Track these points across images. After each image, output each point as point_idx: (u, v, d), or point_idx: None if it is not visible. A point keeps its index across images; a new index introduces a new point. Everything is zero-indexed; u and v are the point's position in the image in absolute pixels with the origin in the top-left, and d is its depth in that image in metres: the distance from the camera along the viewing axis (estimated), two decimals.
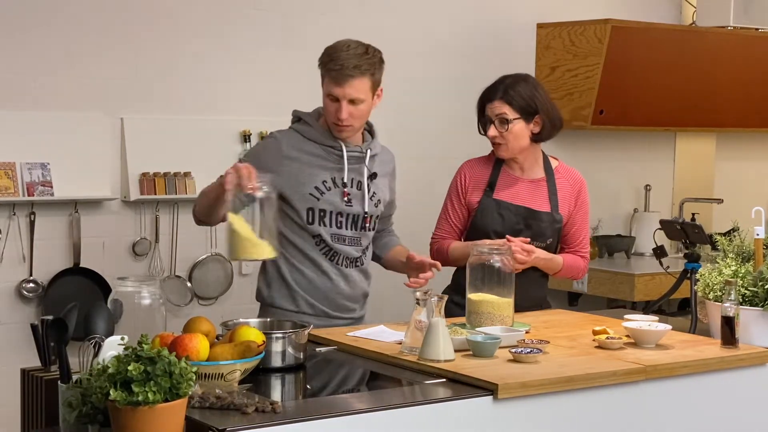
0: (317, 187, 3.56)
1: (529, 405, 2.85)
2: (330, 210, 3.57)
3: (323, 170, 3.57)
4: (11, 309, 4.67)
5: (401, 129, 5.61)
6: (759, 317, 3.37)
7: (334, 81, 3.49)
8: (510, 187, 3.91)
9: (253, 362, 2.74)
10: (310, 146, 3.58)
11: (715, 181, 6.72)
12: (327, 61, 3.51)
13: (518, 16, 5.95)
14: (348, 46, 3.52)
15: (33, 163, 4.65)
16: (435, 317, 3.03)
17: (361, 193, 3.62)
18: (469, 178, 3.95)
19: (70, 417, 2.45)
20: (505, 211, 3.86)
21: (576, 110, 5.81)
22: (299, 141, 3.58)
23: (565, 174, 3.99)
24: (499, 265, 3.43)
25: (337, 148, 3.58)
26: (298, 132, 3.61)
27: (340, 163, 3.58)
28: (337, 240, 3.60)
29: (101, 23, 4.80)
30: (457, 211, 3.95)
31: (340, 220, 3.60)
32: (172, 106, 4.96)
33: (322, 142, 3.58)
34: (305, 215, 3.56)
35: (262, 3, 5.18)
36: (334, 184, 3.58)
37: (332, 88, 3.50)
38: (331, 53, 3.51)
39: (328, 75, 3.51)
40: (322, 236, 3.58)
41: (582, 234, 3.97)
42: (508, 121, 3.81)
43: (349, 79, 3.48)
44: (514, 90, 3.82)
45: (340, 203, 3.58)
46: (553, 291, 5.91)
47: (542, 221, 3.86)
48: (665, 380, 3.10)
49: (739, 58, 6.19)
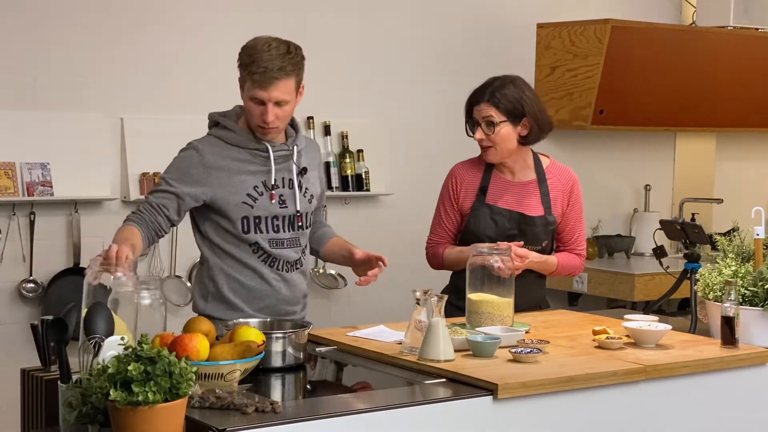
0: (249, 194, 3.40)
1: (529, 405, 2.85)
2: (265, 215, 3.43)
3: (252, 175, 3.41)
4: (11, 309, 4.67)
5: (402, 129, 5.61)
6: (759, 317, 3.37)
7: (258, 85, 3.31)
8: (502, 191, 3.88)
9: (253, 362, 2.74)
10: (234, 152, 3.40)
11: (715, 181, 6.72)
12: (248, 63, 3.31)
13: (518, 16, 5.95)
14: (269, 45, 3.31)
15: (33, 163, 4.65)
16: (435, 317, 3.03)
17: (293, 192, 3.48)
18: (460, 182, 3.91)
19: (70, 417, 2.45)
20: (498, 216, 3.83)
21: (576, 110, 5.82)
22: (222, 148, 3.41)
23: (556, 173, 3.95)
24: (499, 265, 3.43)
25: (263, 150, 3.42)
26: (219, 138, 3.43)
27: (268, 164, 3.43)
28: (276, 245, 3.46)
29: (101, 23, 4.81)
30: (450, 216, 3.92)
31: (276, 224, 3.45)
32: (172, 106, 4.96)
33: (246, 145, 3.41)
34: (240, 225, 3.41)
35: (262, 3, 5.19)
36: (266, 188, 3.43)
37: (256, 91, 3.31)
38: (252, 54, 3.31)
39: (250, 78, 3.31)
40: (259, 243, 3.43)
41: (577, 232, 3.94)
42: (494, 124, 3.77)
43: (274, 82, 3.29)
44: (500, 93, 3.78)
45: (274, 206, 3.44)
46: (553, 291, 5.92)
47: (535, 225, 3.84)
48: (665, 380, 3.10)
49: (739, 58, 6.19)
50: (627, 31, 5.75)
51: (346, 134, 5.43)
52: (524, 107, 3.79)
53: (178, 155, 3.48)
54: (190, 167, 3.41)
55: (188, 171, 3.40)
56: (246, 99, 3.38)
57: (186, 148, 3.49)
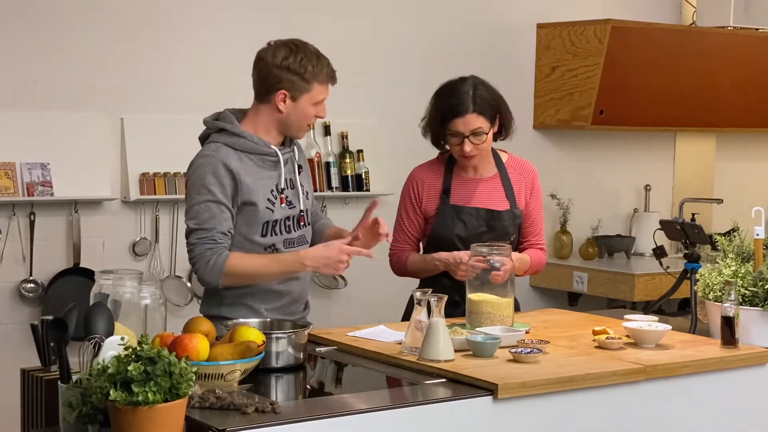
0: (269, 199, 3.41)
1: (529, 405, 2.85)
2: (280, 218, 3.44)
3: (267, 181, 3.42)
4: (11, 309, 4.67)
5: (402, 129, 5.61)
6: (759, 317, 3.37)
7: (332, 83, 3.43)
8: (466, 190, 3.80)
9: (253, 362, 2.74)
10: (246, 159, 3.37)
11: (715, 181, 6.72)
12: (327, 71, 3.42)
13: (518, 16, 5.95)
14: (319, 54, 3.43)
15: (33, 163, 4.65)
16: (435, 317, 3.03)
17: (296, 191, 3.49)
18: (421, 185, 3.82)
19: (70, 417, 2.45)
20: (465, 216, 3.76)
21: (576, 110, 5.82)
22: (237, 156, 3.36)
23: (516, 167, 3.86)
24: (499, 265, 3.42)
25: (272, 155, 3.42)
26: (230, 146, 3.37)
27: (276, 168, 3.43)
28: (288, 244, 3.46)
29: (101, 23, 4.80)
30: (413, 220, 3.83)
31: (288, 224, 3.46)
32: (172, 106, 4.96)
33: (259, 151, 3.39)
34: (261, 230, 3.41)
35: (261, 3, 5.19)
36: (278, 191, 3.44)
37: (323, 94, 3.42)
38: (322, 59, 3.41)
39: (328, 80, 3.41)
40: (276, 245, 3.44)
41: (539, 226, 3.88)
42: (484, 133, 3.68)
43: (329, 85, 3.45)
44: (481, 99, 3.68)
45: (286, 208, 3.45)
46: (553, 291, 5.93)
47: (504, 220, 3.78)
48: (665, 380, 3.10)
49: (739, 58, 6.19)
50: (627, 31, 5.75)
51: (346, 134, 5.43)
52: (500, 106, 3.73)
53: (200, 169, 3.35)
54: (223, 179, 3.33)
55: (222, 182, 3.33)
56: (307, 105, 3.39)
57: (206, 158, 3.37)
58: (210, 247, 3.30)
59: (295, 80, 3.36)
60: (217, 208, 3.31)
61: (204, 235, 3.31)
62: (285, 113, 3.40)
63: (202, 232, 3.31)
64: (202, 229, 3.31)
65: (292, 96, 3.38)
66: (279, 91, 3.37)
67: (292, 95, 3.38)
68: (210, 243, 3.30)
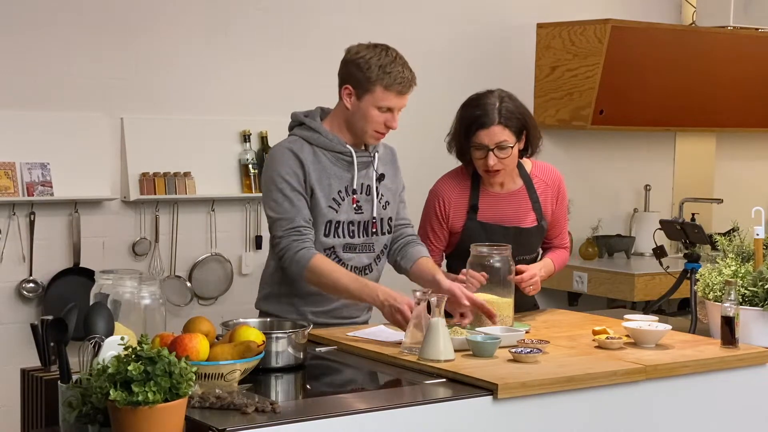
0: (335, 198, 3.43)
1: (529, 405, 2.85)
2: (344, 220, 3.44)
3: (337, 179, 3.43)
4: (11, 309, 4.67)
5: (402, 129, 5.60)
6: (759, 317, 3.37)
7: (398, 93, 3.38)
8: (493, 206, 3.74)
9: (253, 362, 2.74)
10: (320, 154, 3.41)
11: (715, 181, 6.72)
12: (382, 72, 3.37)
13: (518, 16, 5.95)
14: (396, 56, 3.42)
15: (33, 163, 4.65)
16: (435, 317, 3.03)
17: (371, 198, 3.49)
18: (448, 203, 3.74)
19: (70, 417, 2.45)
20: (494, 234, 3.69)
21: (576, 110, 5.81)
22: (311, 150, 3.41)
23: (542, 176, 3.82)
24: (500, 265, 3.43)
25: (347, 154, 3.44)
26: (304, 139, 3.43)
27: (349, 169, 3.45)
28: (348, 249, 3.47)
29: (101, 23, 4.80)
30: (438, 235, 3.78)
31: (352, 229, 3.47)
32: (172, 106, 4.96)
33: (332, 148, 3.42)
34: (323, 229, 3.42)
35: (262, 3, 5.18)
36: (347, 193, 3.45)
37: (393, 99, 3.38)
38: (388, 64, 3.37)
39: (394, 86, 3.36)
40: (335, 248, 3.45)
41: (563, 228, 3.88)
42: (509, 147, 3.59)
43: (407, 91, 3.43)
44: (507, 111, 3.59)
45: (352, 212, 3.46)
46: (553, 291, 5.93)
47: (532, 236, 3.78)
48: (665, 380, 3.10)
49: (739, 58, 6.19)
50: (627, 31, 5.75)
51: None
52: (527, 121, 3.65)
53: (277, 161, 3.39)
54: (297, 168, 3.38)
55: (296, 172, 3.38)
56: (370, 107, 3.37)
57: (283, 150, 3.42)
58: (295, 239, 3.35)
59: (359, 77, 3.37)
60: (295, 196, 3.36)
61: (287, 225, 3.35)
62: (351, 111, 3.41)
63: (285, 222, 3.36)
64: (284, 219, 3.36)
65: (357, 94, 3.39)
66: (345, 85, 3.40)
67: (357, 93, 3.39)
68: (295, 235, 3.34)
